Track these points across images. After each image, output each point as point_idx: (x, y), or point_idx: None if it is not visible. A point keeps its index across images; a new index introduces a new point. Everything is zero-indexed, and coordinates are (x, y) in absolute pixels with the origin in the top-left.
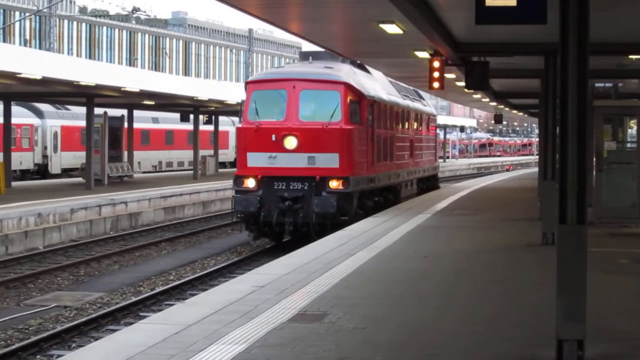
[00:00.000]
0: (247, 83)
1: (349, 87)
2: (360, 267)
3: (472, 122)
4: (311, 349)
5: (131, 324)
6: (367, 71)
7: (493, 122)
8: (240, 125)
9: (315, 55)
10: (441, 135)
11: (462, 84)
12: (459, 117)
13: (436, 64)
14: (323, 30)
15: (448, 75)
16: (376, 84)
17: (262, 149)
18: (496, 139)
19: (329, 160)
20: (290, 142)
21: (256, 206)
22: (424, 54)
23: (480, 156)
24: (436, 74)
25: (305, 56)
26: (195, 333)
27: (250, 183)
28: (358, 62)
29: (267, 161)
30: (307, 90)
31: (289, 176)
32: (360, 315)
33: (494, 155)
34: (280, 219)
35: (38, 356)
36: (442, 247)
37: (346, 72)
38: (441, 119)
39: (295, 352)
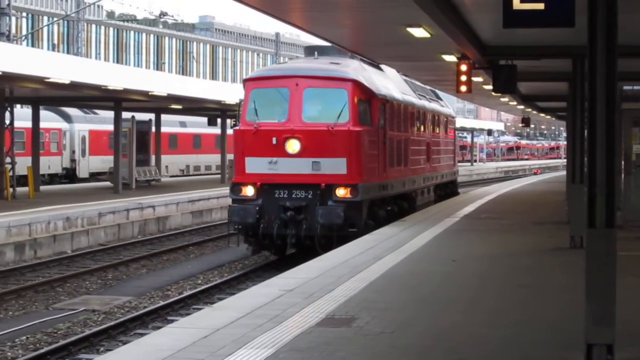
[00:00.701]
0: (245, 80)
1: (357, 85)
2: (389, 270)
3: (500, 126)
4: (339, 353)
5: (159, 327)
6: (379, 68)
7: (520, 125)
8: (237, 128)
9: (321, 51)
10: (468, 139)
11: (490, 87)
12: (486, 120)
13: (463, 67)
14: (347, 34)
15: (475, 79)
16: (389, 82)
17: (262, 154)
18: (524, 142)
19: (335, 165)
20: (293, 146)
21: (255, 217)
22: (451, 58)
23: (508, 159)
24: (463, 78)
25: (310, 51)
26: (224, 337)
27: (249, 191)
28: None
29: (267, 167)
30: (311, 89)
31: (292, 183)
32: (388, 319)
33: (522, 159)
34: (282, 230)
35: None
36: (470, 250)
37: (354, 69)
38: (468, 122)
39: (323, 356)
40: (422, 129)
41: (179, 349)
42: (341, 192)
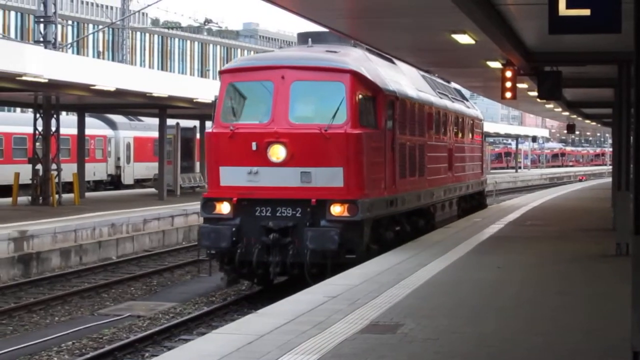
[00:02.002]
0: (220, 72)
1: (358, 78)
2: (433, 277)
3: (545, 132)
4: None
5: (204, 333)
6: (391, 61)
7: (565, 131)
8: (209, 130)
9: (317, 38)
10: (513, 145)
11: (535, 93)
12: (531, 127)
13: (508, 73)
14: (390, 38)
15: (520, 85)
16: (401, 77)
17: (240, 162)
18: (568, 148)
19: (329, 177)
20: (278, 153)
21: (229, 240)
22: (496, 64)
23: (553, 166)
24: (508, 84)
25: (304, 39)
26: (268, 343)
27: (224, 208)
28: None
29: (245, 178)
30: (300, 82)
31: (276, 199)
32: (432, 326)
33: (567, 165)
34: (263, 257)
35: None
36: (514, 257)
37: (355, 58)
38: (513, 129)
39: None
40: (442, 132)
41: (223, 355)
42: (337, 209)
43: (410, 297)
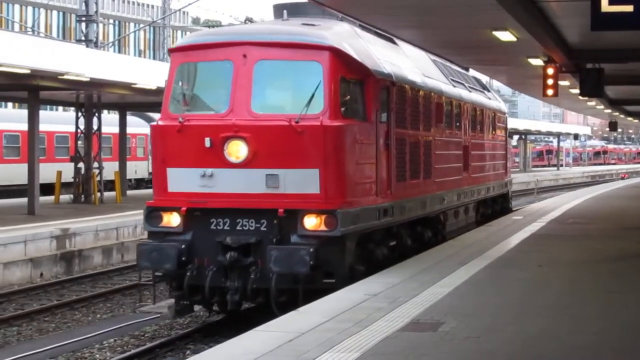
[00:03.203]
0: (170, 51)
1: (340, 57)
2: (474, 276)
3: (586, 130)
4: (425, 358)
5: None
6: (391, 41)
7: (607, 129)
8: (155, 123)
9: (293, 10)
10: (554, 143)
11: (576, 91)
12: (573, 124)
13: (550, 71)
14: (435, 36)
15: (562, 83)
16: (403, 60)
17: (190, 163)
18: (610, 146)
19: (302, 181)
20: (237, 151)
21: (174, 261)
22: (537, 61)
23: (594, 164)
24: (550, 81)
25: (279, 11)
26: (309, 341)
27: (173, 220)
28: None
29: (198, 183)
30: (266, 62)
31: (235, 208)
32: (474, 325)
33: (609, 163)
34: (219, 281)
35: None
36: (556, 256)
37: (338, 33)
38: (555, 127)
39: None
40: (456, 126)
41: (264, 352)
42: (311, 222)
43: (451, 295)
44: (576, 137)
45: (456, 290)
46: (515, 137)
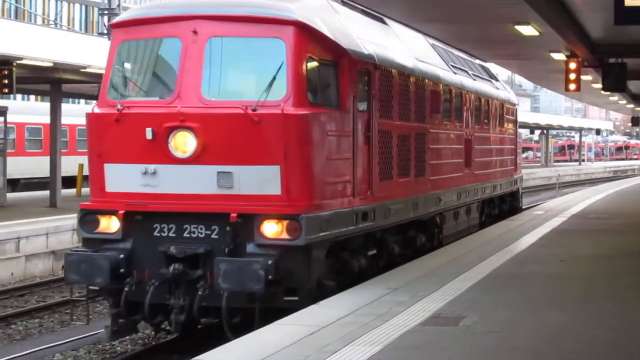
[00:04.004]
0: (111, 27)
1: (307, 33)
2: (495, 270)
3: (609, 125)
4: (446, 352)
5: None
6: (381, 20)
7: (630, 124)
8: (91, 111)
9: None
10: (576, 138)
11: (599, 85)
12: (595, 119)
13: (572, 65)
14: (457, 30)
15: (584, 77)
16: (392, 41)
17: (130, 158)
18: (633, 141)
19: (260, 179)
20: (183, 144)
21: (107, 274)
22: (559, 56)
23: (617, 159)
24: (572, 76)
25: None
26: (330, 334)
27: (112, 225)
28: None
29: (139, 181)
30: (219, 39)
31: (181, 212)
32: (495, 319)
33: (631, 159)
34: (162, 298)
35: (174, 355)
36: (578, 250)
37: (307, 6)
38: (577, 122)
39: (430, 355)
40: (456, 117)
41: (285, 345)
42: (271, 228)
43: (472, 289)
44: (598, 132)
45: (477, 285)
46: (537, 132)
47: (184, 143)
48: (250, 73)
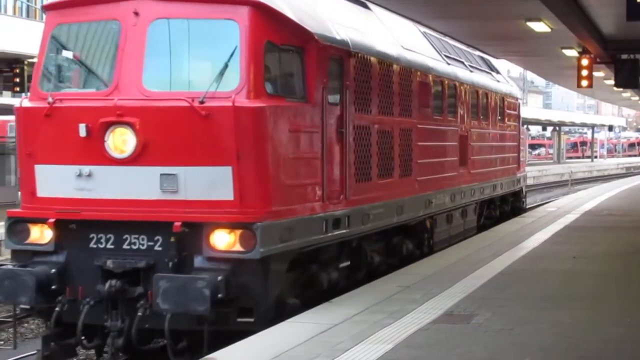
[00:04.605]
0: (45, 9)
1: (266, 14)
2: (508, 267)
3: (621, 121)
4: (458, 350)
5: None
6: (363, 5)
7: None
8: (20, 104)
9: None
10: (589, 135)
11: (611, 82)
12: (607, 116)
13: (585, 61)
14: (468, 27)
15: (596, 74)
16: (373, 27)
17: (63, 158)
18: None
19: (210, 183)
20: (122, 142)
21: (32, 292)
22: (572, 52)
23: (629, 156)
24: (584, 72)
25: None
26: (342, 332)
27: (44, 235)
28: None
29: (73, 185)
30: (164, 21)
31: (119, 221)
32: (507, 316)
33: None
34: (98, 318)
35: (186, 353)
36: (591, 247)
37: None
38: (589, 118)
39: (442, 353)
40: (449, 112)
41: (297, 343)
42: (221, 239)
43: (484, 287)
44: (610, 128)
45: (490, 282)
46: (549, 128)
47: (122, 141)
48: (199, 60)
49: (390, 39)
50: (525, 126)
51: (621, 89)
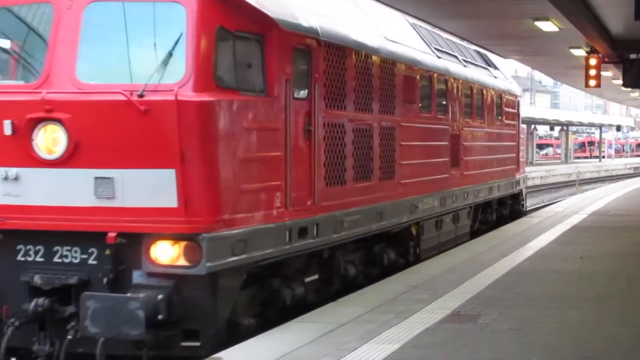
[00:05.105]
0: None
1: None
2: (515, 267)
3: (629, 121)
4: (465, 350)
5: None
6: None
7: None
8: None
9: None
10: (596, 135)
11: (619, 81)
12: (615, 115)
13: (593, 61)
14: (476, 26)
15: (604, 73)
16: (350, 14)
17: None
18: None
19: (150, 188)
20: (52, 141)
21: None
22: (580, 52)
23: (637, 156)
24: (593, 72)
25: None
26: (348, 332)
27: None
28: None
29: None
30: (102, 5)
31: (49, 231)
32: (514, 317)
33: None
34: (24, 341)
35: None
36: (598, 248)
37: None
38: (597, 118)
39: (449, 353)
40: (439, 109)
41: (304, 343)
42: (163, 252)
43: (491, 287)
44: (618, 128)
45: (497, 282)
46: (557, 128)
47: (51, 140)
48: (140, 48)
49: (372, 29)
50: (533, 126)
51: (629, 89)
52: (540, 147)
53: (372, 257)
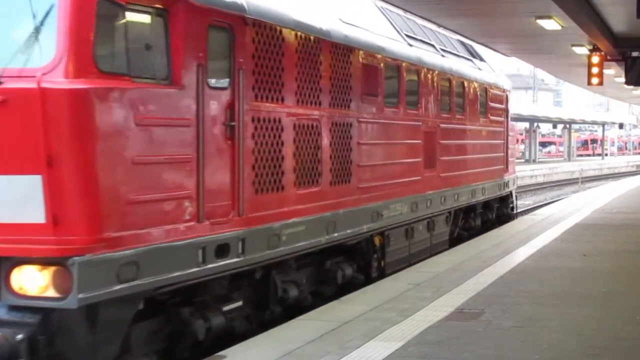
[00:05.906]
0: None
1: None
2: (518, 265)
3: (632, 119)
4: (469, 347)
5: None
6: None
7: None
8: None
9: None
10: (599, 132)
11: (622, 79)
12: (617, 113)
13: (595, 59)
14: (478, 24)
15: (607, 71)
16: None
17: None
18: None
19: (11, 199)
20: None
21: None
22: (582, 50)
23: None
24: (595, 70)
25: None
26: (352, 330)
27: None
28: None
29: None
30: None
31: None
32: (518, 314)
33: None
34: None
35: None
36: (601, 245)
37: None
38: (599, 116)
39: (452, 350)
40: (410, 104)
41: (308, 341)
42: (29, 280)
43: (495, 284)
44: (621, 126)
45: (500, 280)
46: (560, 126)
47: None
48: (0, 24)
49: (323, 10)
50: (536, 124)
51: (631, 87)
52: (543, 144)
53: (324, 274)
